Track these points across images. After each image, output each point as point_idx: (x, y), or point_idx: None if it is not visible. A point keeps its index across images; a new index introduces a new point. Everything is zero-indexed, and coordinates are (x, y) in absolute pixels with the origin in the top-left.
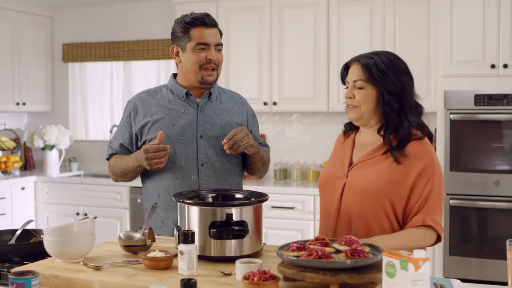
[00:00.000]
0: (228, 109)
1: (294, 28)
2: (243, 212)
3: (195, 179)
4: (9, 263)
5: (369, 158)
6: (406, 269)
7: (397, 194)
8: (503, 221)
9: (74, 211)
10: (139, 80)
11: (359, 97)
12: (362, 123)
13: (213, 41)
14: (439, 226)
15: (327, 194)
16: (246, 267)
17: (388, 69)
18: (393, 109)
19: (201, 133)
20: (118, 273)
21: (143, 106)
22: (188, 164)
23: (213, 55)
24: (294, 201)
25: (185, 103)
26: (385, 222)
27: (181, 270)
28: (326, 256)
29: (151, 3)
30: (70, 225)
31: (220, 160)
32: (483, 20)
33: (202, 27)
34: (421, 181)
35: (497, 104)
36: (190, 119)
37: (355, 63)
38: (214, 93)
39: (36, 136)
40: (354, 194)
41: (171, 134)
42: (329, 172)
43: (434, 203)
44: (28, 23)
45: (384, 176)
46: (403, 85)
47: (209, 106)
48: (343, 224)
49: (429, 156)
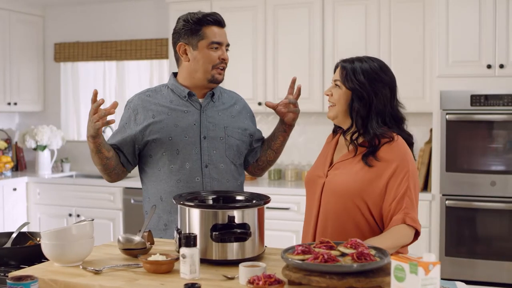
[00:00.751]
0: (229, 109)
1: (289, 27)
2: (245, 215)
3: (199, 180)
4: (5, 267)
5: (346, 159)
6: (416, 273)
7: (371, 194)
8: (499, 221)
9: (67, 212)
10: (132, 80)
11: (335, 96)
12: (338, 122)
13: (225, 41)
14: (418, 224)
15: (310, 193)
16: (250, 271)
17: (364, 76)
18: (359, 114)
19: (205, 134)
20: (119, 278)
21: (144, 107)
22: (192, 165)
23: (225, 55)
24: (289, 201)
25: (188, 103)
26: (362, 221)
27: (183, 274)
28: (333, 260)
29: (144, 3)
30: (68, 228)
31: (224, 161)
32: (479, 20)
33: (215, 26)
34: (395, 180)
35: (493, 104)
36: (193, 119)
37: (340, 64)
38: (216, 93)
39: (28, 136)
40: (331, 194)
41: (174, 135)
42: (313, 171)
43: (411, 202)
44: (19, 22)
45: (358, 176)
46: (375, 94)
47: (212, 106)
48: (322, 222)
49: (400, 156)
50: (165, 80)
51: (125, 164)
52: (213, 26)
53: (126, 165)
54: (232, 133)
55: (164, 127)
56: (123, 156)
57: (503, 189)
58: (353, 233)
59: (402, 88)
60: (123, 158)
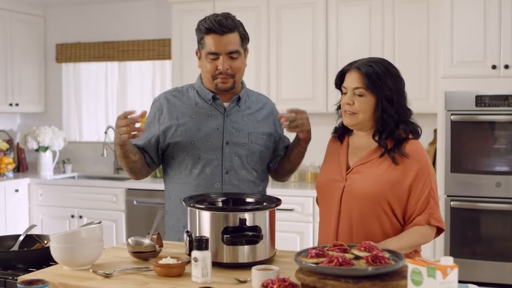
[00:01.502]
0: (255, 114)
1: (292, 28)
2: (257, 217)
3: (218, 186)
4: (13, 270)
5: (366, 161)
6: (434, 277)
7: (395, 196)
8: (504, 222)
9: (69, 213)
10: (134, 81)
11: (358, 105)
12: (359, 128)
13: (223, 50)
14: (442, 223)
15: (326, 198)
16: (264, 275)
17: (386, 77)
18: (390, 115)
19: (227, 139)
20: (130, 281)
21: (168, 107)
22: (213, 171)
23: (224, 65)
24: (293, 203)
25: (212, 107)
26: (386, 223)
27: (195, 277)
28: (347, 263)
29: (146, 3)
30: (78, 231)
31: (245, 168)
32: (483, 20)
33: (214, 34)
34: (418, 182)
35: (498, 105)
36: (216, 124)
37: (354, 70)
38: (243, 97)
39: (30, 137)
40: (354, 198)
41: (196, 139)
42: (326, 176)
43: (435, 202)
44: (20, 23)
45: (382, 178)
46: (398, 91)
47: (237, 111)
48: (344, 227)
49: (423, 157)
50: (167, 81)
51: (151, 164)
52: (211, 34)
53: (151, 165)
54: (256, 139)
55: (187, 130)
56: (149, 157)
57: (508, 190)
58: (378, 234)
59: (406, 89)
60: (148, 158)
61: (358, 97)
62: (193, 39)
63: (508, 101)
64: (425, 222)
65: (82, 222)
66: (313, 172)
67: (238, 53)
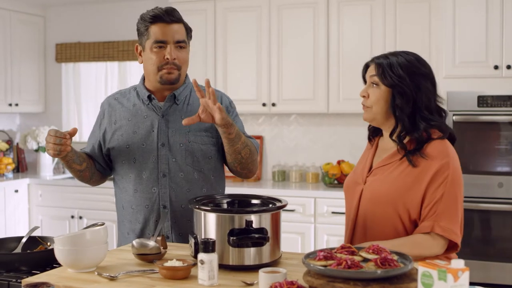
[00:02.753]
0: (197, 110)
1: (293, 28)
2: (263, 219)
3: (155, 191)
4: (16, 272)
5: (385, 164)
6: (445, 280)
7: (411, 199)
8: (507, 223)
9: (69, 214)
10: (134, 81)
11: (373, 97)
12: (377, 124)
13: (171, 39)
14: (451, 234)
15: (348, 199)
16: (271, 277)
17: (403, 71)
18: (404, 112)
19: (163, 140)
20: (135, 284)
21: (109, 111)
22: (149, 175)
23: (171, 54)
24: (294, 203)
25: (148, 108)
26: (400, 227)
27: (201, 280)
28: (356, 266)
29: (146, 2)
30: (82, 233)
31: (184, 169)
32: (486, 21)
33: (161, 23)
34: (433, 183)
35: (500, 105)
36: (151, 125)
37: (372, 63)
38: (183, 94)
39: (29, 137)
40: (369, 201)
41: (132, 142)
42: (351, 178)
43: (445, 209)
44: (20, 23)
45: (397, 183)
46: (418, 87)
47: (174, 110)
48: (359, 229)
49: (445, 157)
50: None
51: (101, 170)
52: (159, 23)
53: (102, 171)
54: (195, 138)
55: (123, 134)
56: (98, 163)
57: (510, 190)
58: (392, 238)
59: None
60: (98, 165)
61: (373, 89)
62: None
63: (511, 102)
64: (428, 229)
65: (82, 223)
66: (314, 173)
67: (185, 43)
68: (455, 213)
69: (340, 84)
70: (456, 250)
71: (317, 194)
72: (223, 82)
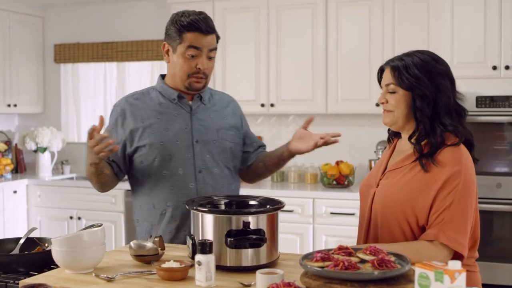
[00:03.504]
0: (221, 111)
1: (292, 28)
2: (260, 220)
3: (193, 187)
4: (14, 274)
5: (398, 167)
6: (442, 281)
7: (420, 205)
8: (505, 223)
9: (68, 215)
10: (133, 81)
11: (392, 102)
12: (398, 128)
13: (205, 49)
14: (456, 244)
15: (362, 202)
16: (268, 279)
17: (420, 72)
18: (425, 114)
19: (197, 137)
20: (132, 285)
21: (132, 111)
22: (186, 171)
23: (204, 64)
24: (293, 204)
25: (177, 106)
26: (408, 231)
27: (199, 281)
28: (353, 267)
29: (145, 3)
30: (80, 234)
31: (217, 166)
32: (484, 21)
33: (198, 33)
34: (444, 191)
35: (498, 106)
36: (184, 123)
37: (387, 66)
38: (206, 95)
39: (28, 138)
40: (380, 204)
41: (165, 139)
42: (366, 180)
43: (453, 218)
44: (18, 23)
45: (407, 187)
46: (437, 88)
47: (203, 109)
48: (372, 233)
49: (458, 165)
50: None
51: (118, 174)
52: (194, 32)
53: (118, 174)
54: (225, 136)
55: (154, 131)
56: (116, 166)
57: (509, 191)
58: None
59: None
60: (116, 168)
61: (391, 94)
62: None
63: (509, 102)
64: (433, 237)
65: (81, 224)
66: (313, 173)
67: (215, 52)
68: (463, 223)
69: (339, 84)
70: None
71: (315, 195)
72: (221, 83)
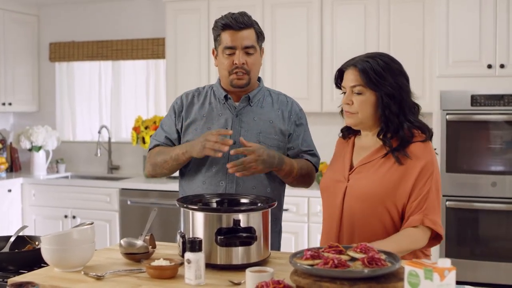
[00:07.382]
0: (268, 114)
1: (287, 27)
2: (251, 218)
3: (223, 185)
4: (3, 272)
5: (369, 161)
6: (431, 279)
7: (399, 196)
8: (500, 222)
9: (62, 213)
10: (128, 80)
11: (358, 104)
12: (364, 128)
13: (239, 45)
14: (438, 226)
15: (329, 198)
16: (258, 277)
17: (385, 72)
18: (393, 112)
19: (235, 138)
20: (122, 283)
21: (187, 106)
22: (218, 169)
23: (240, 59)
24: (288, 203)
25: (224, 106)
26: (389, 224)
27: (188, 279)
28: (343, 265)
29: (140, 2)
30: (69, 232)
31: None
32: (479, 20)
33: (230, 30)
34: (420, 180)
35: (493, 104)
36: (225, 123)
37: (350, 67)
38: (256, 97)
39: (23, 137)
40: (356, 199)
41: None
42: (330, 177)
43: (433, 203)
44: (13, 22)
45: (385, 180)
46: (400, 86)
47: (248, 111)
48: (346, 227)
49: (429, 156)
50: (161, 80)
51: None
52: (227, 30)
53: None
54: (266, 140)
55: (197, 129)
56: None
57: (504, 190)
58: (381, 237)
59: None
60: None
61: (357, 96)
62: (187, 38)
63: (504, 101)
64: (419, 222)
65: (76, 223)
66: None
67: (254, 48)
68: (438, 207)
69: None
70: (438, 242)
71: (310, 194)
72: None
